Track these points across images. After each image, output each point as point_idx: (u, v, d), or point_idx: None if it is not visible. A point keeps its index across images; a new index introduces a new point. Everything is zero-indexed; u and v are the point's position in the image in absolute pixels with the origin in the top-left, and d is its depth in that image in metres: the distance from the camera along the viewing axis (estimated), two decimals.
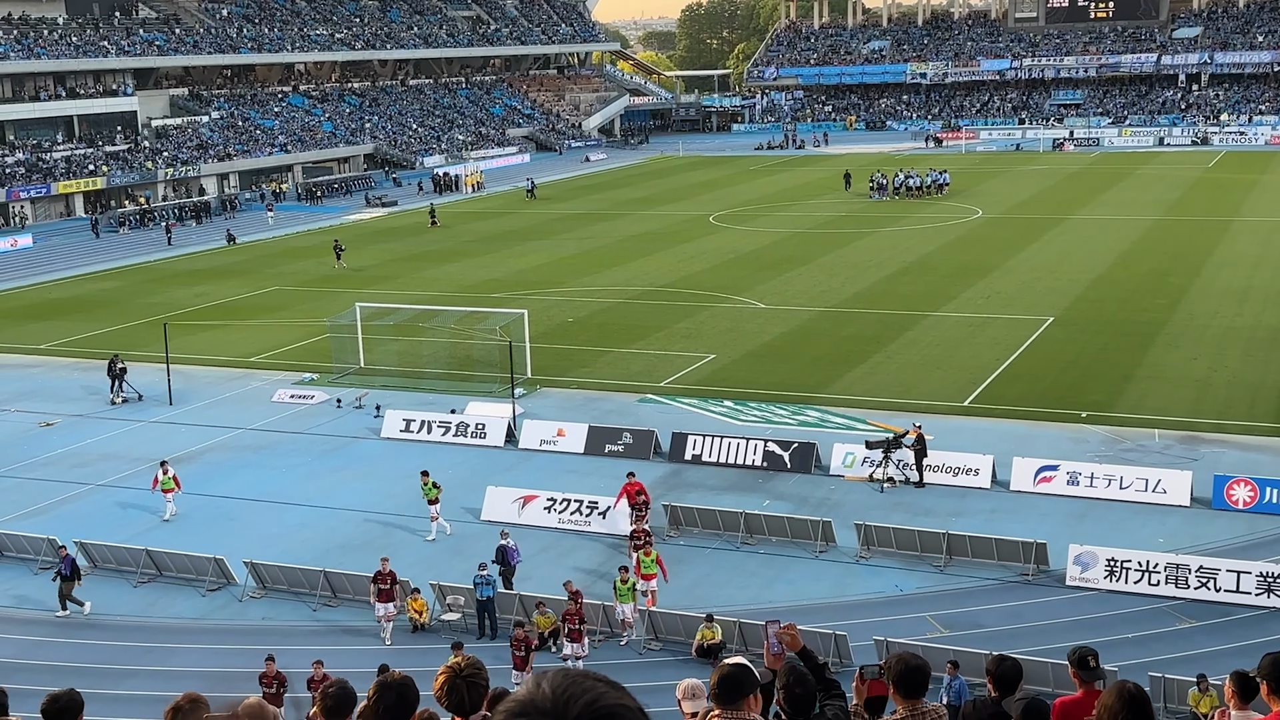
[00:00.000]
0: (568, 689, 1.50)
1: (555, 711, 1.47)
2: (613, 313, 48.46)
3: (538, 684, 1.52)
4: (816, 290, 50.73)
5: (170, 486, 29.97)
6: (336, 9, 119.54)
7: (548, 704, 1.48)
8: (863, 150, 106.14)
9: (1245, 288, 47.67)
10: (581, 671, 1.58)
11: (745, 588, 25.04)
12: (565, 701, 1.47)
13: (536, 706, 1.47)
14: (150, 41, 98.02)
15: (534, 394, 38.12)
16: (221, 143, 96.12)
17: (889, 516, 27.45)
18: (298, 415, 37.68)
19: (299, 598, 25.61)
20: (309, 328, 47.28)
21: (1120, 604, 23.31)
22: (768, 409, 35.61)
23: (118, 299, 56.08)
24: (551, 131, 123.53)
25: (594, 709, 1.46)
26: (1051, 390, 36.07)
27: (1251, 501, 27.24)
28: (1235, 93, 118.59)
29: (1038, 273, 52.28)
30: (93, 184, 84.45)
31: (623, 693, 1.55)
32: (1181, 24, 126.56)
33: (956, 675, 19.12)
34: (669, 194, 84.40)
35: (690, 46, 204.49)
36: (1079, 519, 27.28)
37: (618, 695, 1.50)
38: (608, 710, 1.47)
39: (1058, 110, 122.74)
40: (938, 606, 23.82)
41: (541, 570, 26.12)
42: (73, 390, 41.19)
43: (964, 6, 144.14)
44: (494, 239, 68.38)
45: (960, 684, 18.96)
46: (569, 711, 1.46)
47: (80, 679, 20.58)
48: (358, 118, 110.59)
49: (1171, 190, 76.06)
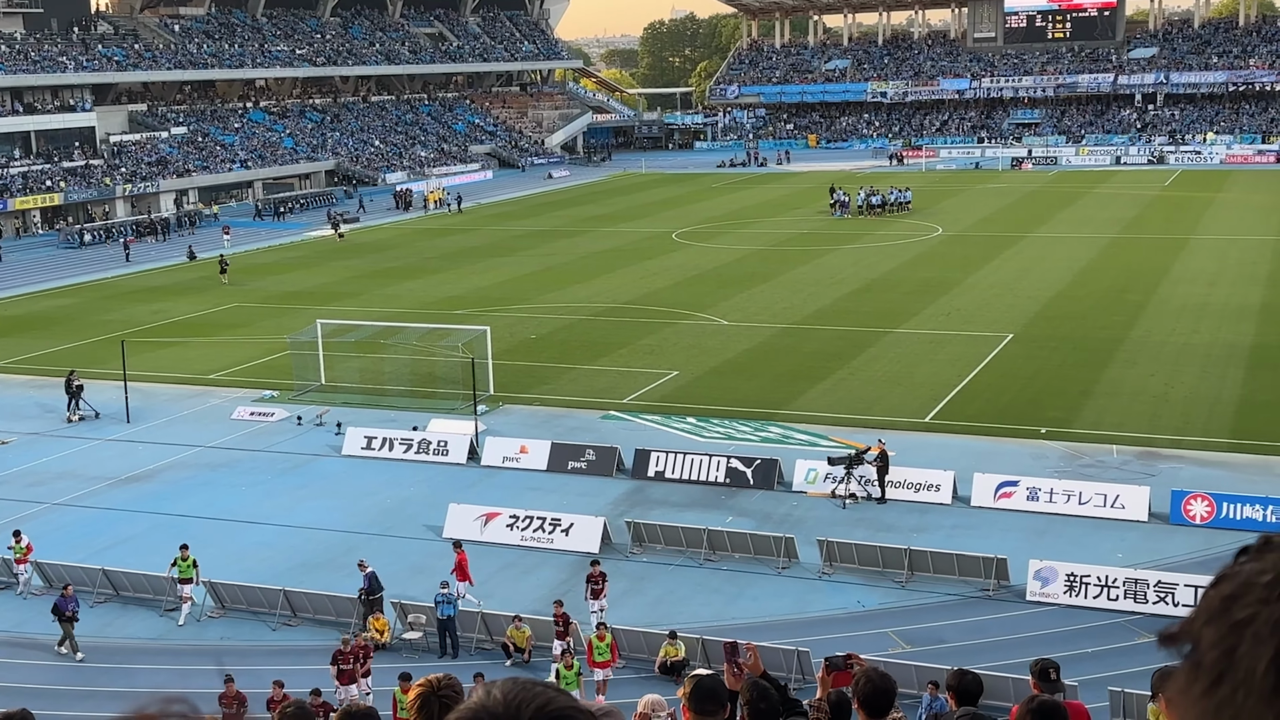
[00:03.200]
0: (519, 694, 1.55)
1: (507, 715, 1.51)
2: (575, 330, 48.43)
3: (488, 691, 1.56)
4: (779, 307, 50.90)
5: (21, 556, 26.89)
6: (298, 25, 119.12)
7: (499, 708, 1.52)
8: (825, 168, 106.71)
9: (1201, 304, 48.23)
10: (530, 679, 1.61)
11: (708, 604, 25.02)
12: (516, 706, 1.52)
13: (489, 711, 1.52)
14: (109, 57, 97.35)
15: (496, 411, 38.02)
16: (181, 159, 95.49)
17: (851, 533, 27.52)
18: (258, 433, 37.40)
19: (258, 617, 25.37)
20: (269, 344, 46.96)
21: (1080, 619, 23.46)
22: (730, 425, 35.67)
23: (75, 315, 55.52)
24: (514, 148, 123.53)
25: (545, 712, 1.51)
26: (1011, 406, 36.32)
27: (1209, 516, 27.50)
28: (1190, 112, 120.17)
29: (997, 290, 52.70)
30: (50, 200, 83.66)
31: (573, 699, 1.60)
32: (1137, 45, 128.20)
33: (937, 696, 19.12)
34: (631, 211, 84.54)
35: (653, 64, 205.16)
36: (1039, 534, 27.45)
37: (568, 700, 1.56)
38: (558, 712, 1.52)
39: (1016, 129, 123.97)
40: (900, 622, 23.89)
41: (504, 588, 26.02)
42: (28, 408, 40.70)
43: (923, 27, 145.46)
44: (456, 256, 68.22)
45: (941, 704, 18.93)
46: (521, 715, 1.51)
47: (35, 700, 20.31)
48: (319, 134, 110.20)
49: (1128, 208, 76.92)
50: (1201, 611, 1.33)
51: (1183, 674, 1.32)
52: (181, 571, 25.24)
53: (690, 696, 4.90)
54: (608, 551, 27.47)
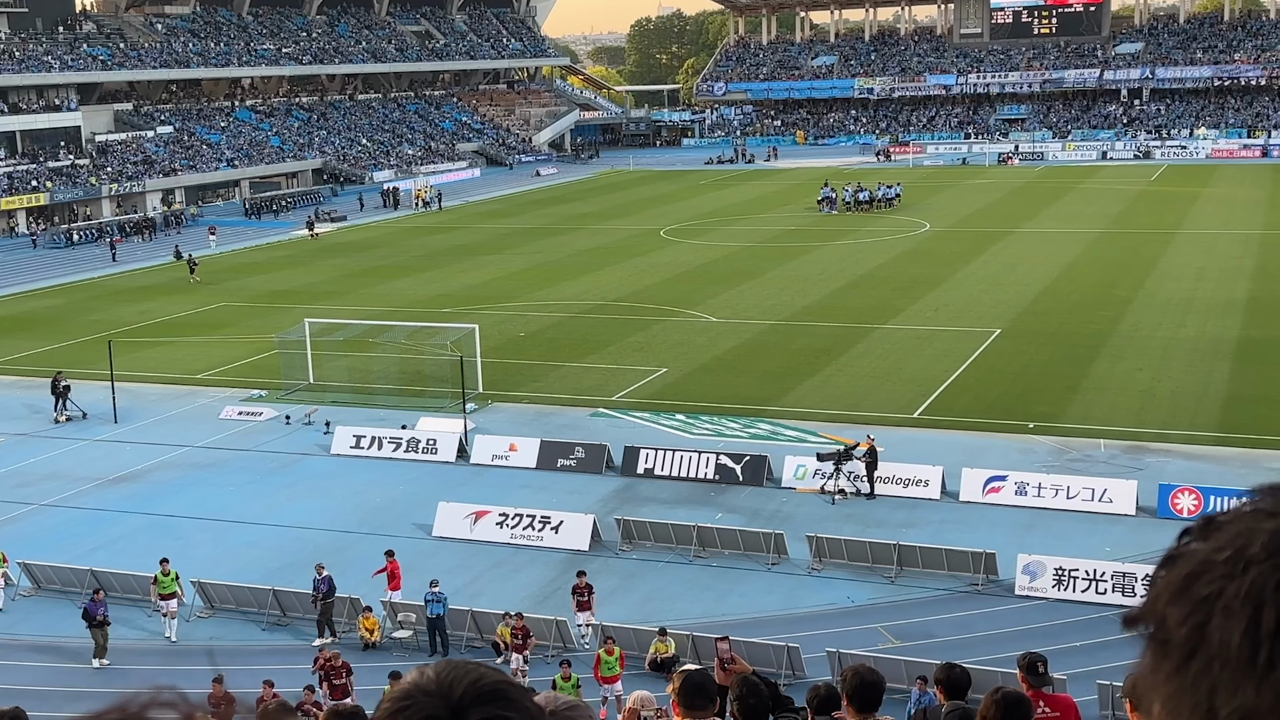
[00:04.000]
0: (451, 672, 1.59)
1: (440, 692, 1.53)
2: (564, 327, 48.41)
3: (422, 672, 1.60)
4: (767, 303, 50.94)
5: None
6: (284, 24, 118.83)
7: (432, 686, 1.55)
8: (813, 165, 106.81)
9: (1188, 299, 48.38)
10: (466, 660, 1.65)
11: (698, 601, 25.05)
12: (450, 683, 1.55)
13: (421, 689, 1.55)
14: (94, 56, 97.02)
15: (485, 409, 37.99)
16: (167, 158, 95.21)
17: (840, 528, 27.57)
18: (246, 432, 37.32)
19: (247, 617, 25.34)
20: (257, 344, 46.85)
21: (1068, 613, 23.53)
22: (719, 422, 35.69)
23: (61, 316, 55.33)
24: (501, 146, 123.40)
25: (478, 686, 1.55)
26: (999, 402, 36.41)
27: (1196, 510, 27.58)
28: (1176, 107, 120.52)
29: (985, 285, 52.80)
30: (36, 200, 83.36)
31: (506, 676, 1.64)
32: (1123, 40, 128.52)
33: (926, 690, 19.16)
34: (620, 208, 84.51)
35: (640, 62, 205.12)
36: (1027, 529, 27.53)
37: (501, 675, 1.59)
38: (490, 687, 1.55)
39: (1002, 125, 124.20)
40: (889, 617, 23.95)
41: (493, 586, 26.02)
42: (15, 409, 40.56)
43: (910, 23, 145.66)
44: (444, 254, 68.14)
45: (930, 699, 18.98)
46: (454, 691, 1.53)
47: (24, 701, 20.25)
48: (306, 133, 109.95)
49: (1115, 204, 77.11)
50: (1162, 592, 1.33)
51: (1149, 655, 1.31)
52: (163, 587, 24.47)
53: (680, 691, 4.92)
54: (597, 549, 27.50)
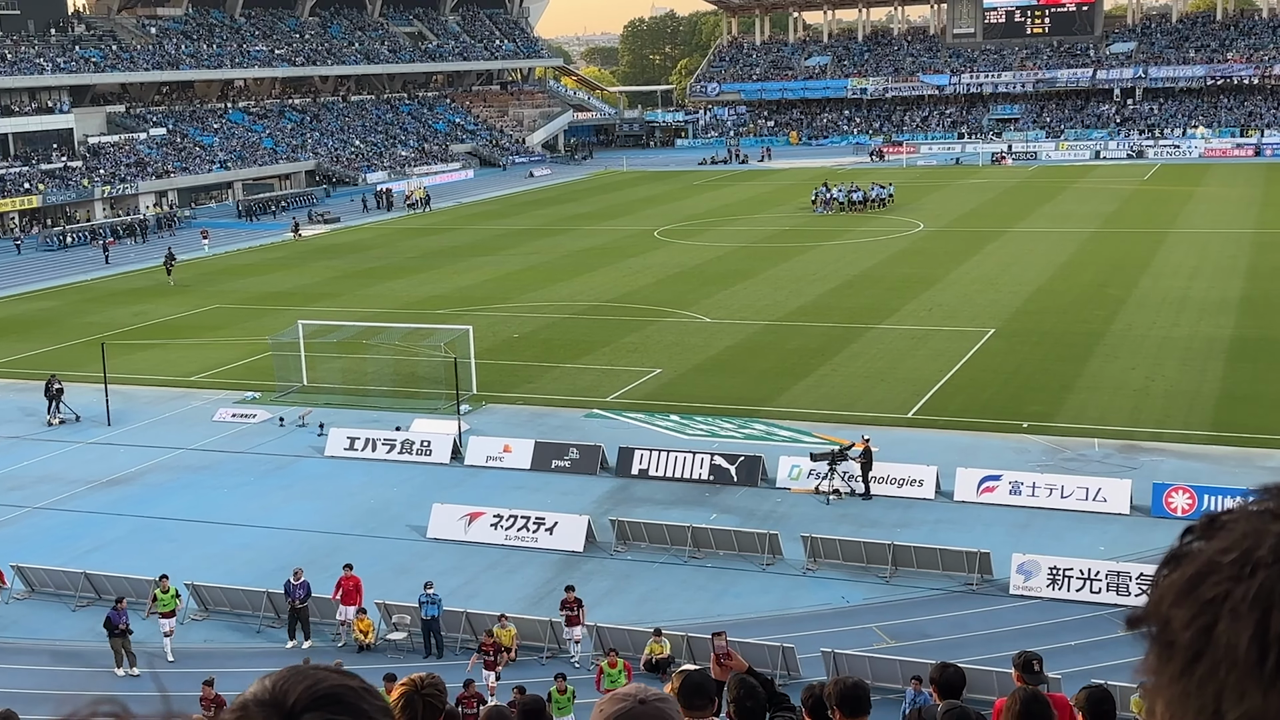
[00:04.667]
0: (288, 680, 1.57)
1: (274, 701, 1.52)
2: (558, 328, 48.38)
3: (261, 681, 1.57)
4: (761, 304, 50.95)
5: None
6: (276, 25, 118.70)
7: (267, 695, 1.53)
8: (806, 165, 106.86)
9: (1182, 298, 48.45)
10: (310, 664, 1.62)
11: (693, 601, 25.04)
12: (285, 691, 1.53)
13: (256, 699, 1.55)
14: (86, 58, 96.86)
15: (480, 410, 37.96)
16: (160, 160, 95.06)
17: (835, 528, 27.58)
18: (240, 434, 37.26)
19: (242, 619, 25.30)
20: (250, 346, 46.78)
21: (1063, 612, 23.55)
22: (714, 423, 35.69)
23: (54, 318, 55.22)
24: (495, 147, 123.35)
25: (313, 691, 1.53)
26: (993, 401, 36.44)
27: (1190, 509, 27.61)
28: (1169, 106, 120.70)
29: (979, 285, 52.85)
30: (28, 202, 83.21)
31: (348, 676, 1.61)
32: (1116, 39, 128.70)
33: (921, 690, 19.17)
34: (613, 209, 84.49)
35: (633, 62, 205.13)
36: (1022, 528, 27.55)
37: (340, 678, 1.57)
38: (326, 691, 1.53)
39: (996, 125, 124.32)
40: (884, 617, 23.95)
41: (489, 588, 26.00)
42: (9, 412, 40.47)
43: (903, 23, 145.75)
44: (437, 255, 68.09)
45: (925, 699, 18.99)
46: (288, 698, 1.51)
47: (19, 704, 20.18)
48: (299, 134, 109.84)
49: (1108, 203, 77.20)
50: (1166, 593, 1.31)
51: (1153, 656, 1.30)
52: (163, 605, 23.88)
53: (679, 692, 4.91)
54: (592, 550, 27.49)
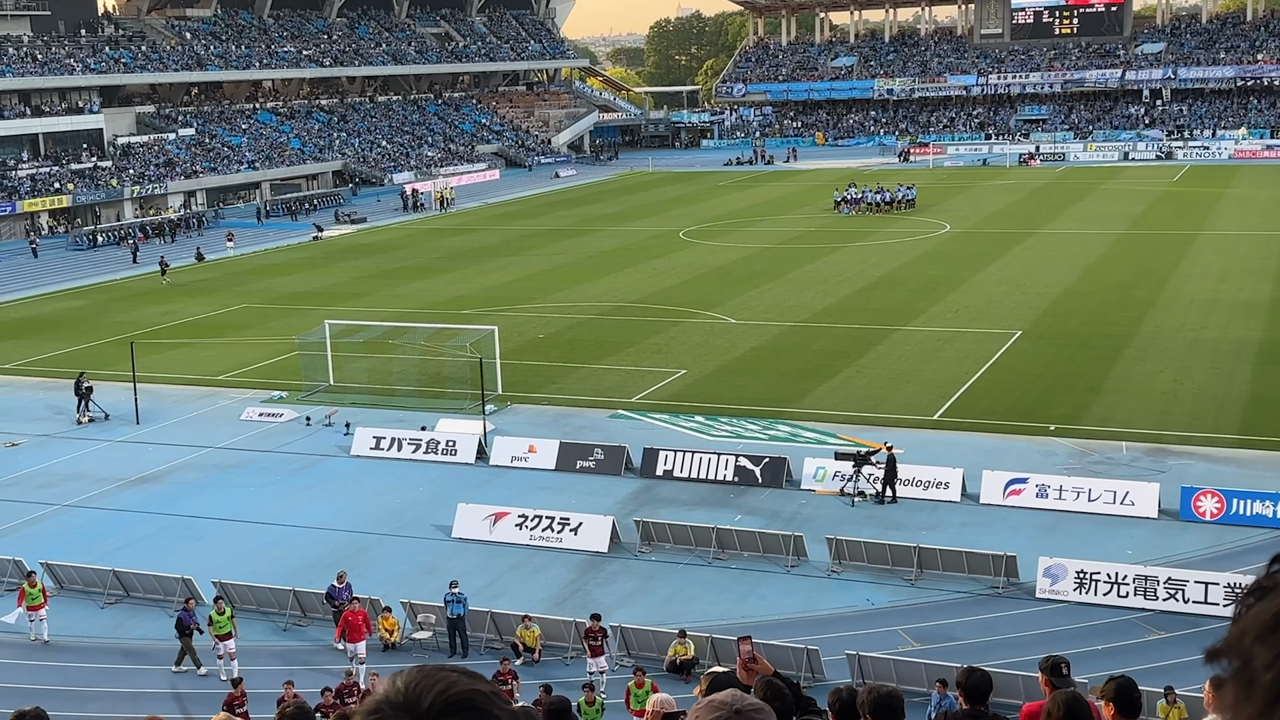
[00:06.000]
0: (421, 681, 1.58)
1: (408, 704, 1.53)
2: (583, 329, 48.43)
3: (393, 681, 1.59)
4: (786, 305, 50.86)
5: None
6: (304, 26, 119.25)
7: (400, 698, 1.54)
8: (832, 166, 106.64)
9: (1211, 300, 48.11)
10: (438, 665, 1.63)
11: (717, 603, 25.02)
12: (418, 693, 1.54)
13: (390, 702, 1.55)
14: (116, 59, 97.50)
15: (505, 410, 38.04)
16: (188, 160, 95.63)
17: (860, 531, 27.51)
18: (266, 433, 37.45)
19: (268, 617, 25.42)
20: (277, 345, 47.03)
21: (1090, 616, 23.43)
22: (739, 424, 35.64)
23: (84, 317, 55.63)
24: (521, 148, 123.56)
25: (446, 696, 1.54)
26: (1020, 403, 36.27)
27: (1218, 513, 27.44)
28: (1199, 107, 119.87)
29: (1005, 287, 52.61)
30: (59, 202, 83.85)
31: (477, 679, 1.62)
32: (1145, 40, 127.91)
33: (946, 694, 19.10)
34: (639, 210, 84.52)
35: (659, 63, 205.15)
36: (1048, 531, 27.42)
37: (471, 682, 1.58)
38: (458, 696, 1.54)
39: (1023, 125, 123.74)
40: (909, 620, 23.87)
41: (513, 588, 26.04)
42: (38, 410, 40.79)
43: (930, 23, 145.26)
44: (463, 255, 68.26)
45: (950, 702, 18.91)
46: (422, 702, 1.52)
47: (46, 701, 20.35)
48: (326, 134, 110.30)
49: (1137, 204, 76.74)
50: (1250, 627, 1.26)
51: (1231, 691, 1.26)
52: (219, 628, 23.24)
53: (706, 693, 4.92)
54: (616, 550, 27.51)
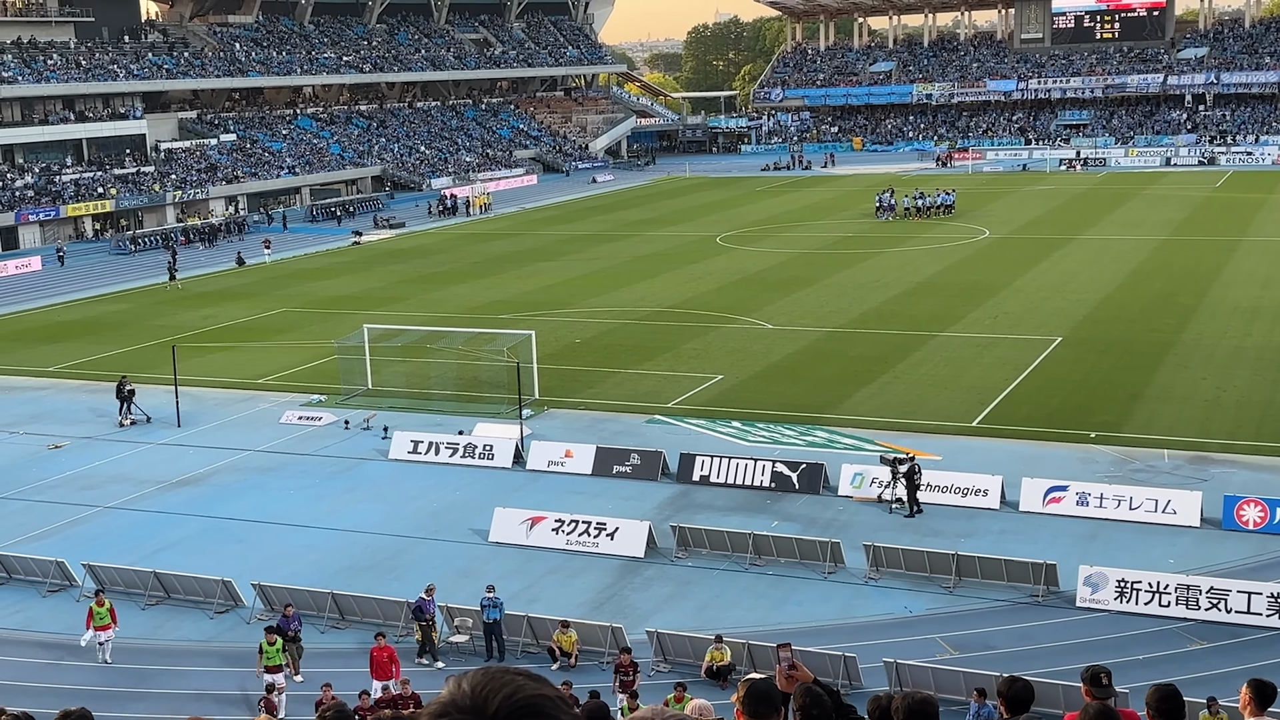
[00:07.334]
0: (487, 684, 1.57)
1: (475, 708, 1.53)
2: (620, 333, 48.47)
3: (458, 684, 1.58)
4: (824, 311, 50.71)
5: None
6: (344, 32, 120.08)
7: (467, 701, 1.54)
8: (870, 171, 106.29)
9: (1254, 307, 47.59)
10: (502, 668, 1.63)
11: (754, 609, 24.96)
12: (485, 697, 1.54)
13: (457, 705, 1.55)
14: (159, 65, 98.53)
15: (541, 415, 38.11)
16: (230, 165, 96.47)
17: (898, 537, 27.36)
18: (305, 437, 37.69)
19: (307, 620, 25.54)
20: (317, 349, 47.33)
21: (1131, 625, 23.21)
22: (775, 429, 35.56)
23: (126, 321, 56.21)
24: (558, 153, 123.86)
25: (513, 701, 1.54)
26: (1060, 410, 35.99)
27: (1262, 522, 27.12)
28: (1242, 113, 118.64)
29: (1045, 293, 52.23)
30: (102, 206, 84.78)
31: (542, 683, 1.61)
32: (1187, 45, 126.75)
33: (984, 703, 18.97)
34: (676, 215, 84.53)
35: (696, 68, 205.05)
36: (1089, 540, 27.18)
37: (536, 686, 1.57)
38: (526, 700, 1.53)
39: (1064, 131, 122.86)
40: (947, 628, 23.72)
41: (549, 592, 26.08)
42: (81, 412, 41.24)
43: (970, 28, 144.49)
44: (501, 260, 68.48)
45: (989, 711, 18.78)
46: (489, 706, 1.53)
47: (88, 701, 20.56)
48: (365, 140, 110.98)
49: (1179, 210, 76.03)
50: None
51: None
52: (270, 659, 22.45)
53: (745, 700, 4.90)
54: (653, 556, 27.49)
